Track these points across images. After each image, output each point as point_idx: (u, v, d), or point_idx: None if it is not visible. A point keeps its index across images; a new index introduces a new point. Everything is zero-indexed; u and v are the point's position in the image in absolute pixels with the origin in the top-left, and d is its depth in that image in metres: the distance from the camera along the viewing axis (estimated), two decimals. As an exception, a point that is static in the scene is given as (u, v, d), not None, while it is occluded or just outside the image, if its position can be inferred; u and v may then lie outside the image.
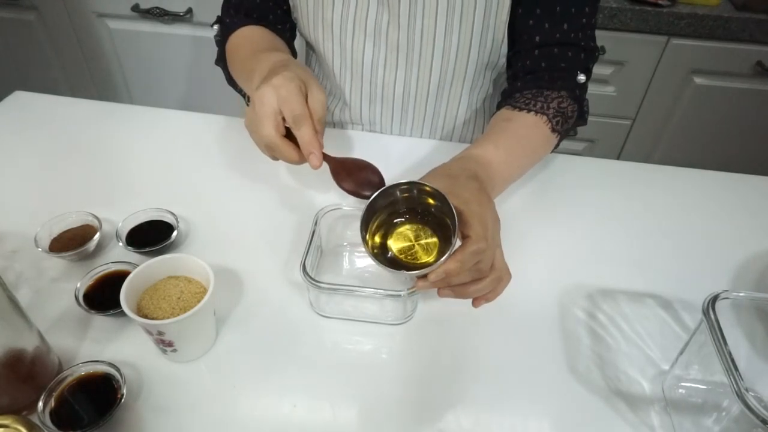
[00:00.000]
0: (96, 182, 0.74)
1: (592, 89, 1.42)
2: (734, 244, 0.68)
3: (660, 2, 1.25)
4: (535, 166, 0.78)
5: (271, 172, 0.76)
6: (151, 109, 0.90)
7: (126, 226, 0.64)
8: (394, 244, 0.53)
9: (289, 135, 0.57)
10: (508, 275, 0.54)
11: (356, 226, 0.63)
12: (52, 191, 0.72)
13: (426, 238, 0.53)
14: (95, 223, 0.64)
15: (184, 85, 1.62)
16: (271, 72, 0.59)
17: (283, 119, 0.56)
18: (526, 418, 0.50)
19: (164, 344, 0.51)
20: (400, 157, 0.80)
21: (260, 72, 0.62)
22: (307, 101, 0.57)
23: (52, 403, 0.47)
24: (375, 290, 0.54)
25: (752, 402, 0.39)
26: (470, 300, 0.60)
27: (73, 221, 0.64)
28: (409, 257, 0.53)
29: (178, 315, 0.49)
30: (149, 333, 0.50)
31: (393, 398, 0.51)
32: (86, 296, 0.57)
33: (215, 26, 0.84)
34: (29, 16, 1.58)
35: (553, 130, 0.68)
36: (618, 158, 1.56)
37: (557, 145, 0.73)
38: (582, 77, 0.71)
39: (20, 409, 0.48)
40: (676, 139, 1.49)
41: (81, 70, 1.68)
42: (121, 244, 0.62)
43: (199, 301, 0.50)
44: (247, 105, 0.82)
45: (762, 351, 0.53)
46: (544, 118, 0.68)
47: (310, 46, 0.88)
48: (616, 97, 1.43)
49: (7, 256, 0.63)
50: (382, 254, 0.52)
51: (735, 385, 0.40)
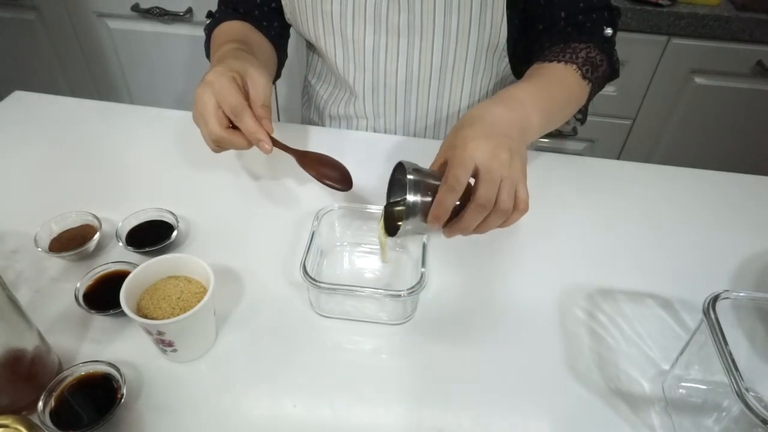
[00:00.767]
0: (96, 182, 0.74)
1: (592, 89, 1.42)
2: (734, 244, 0.68)
3: (660, 2, 1.25)
4: (540, 165, 0.78)
5: (271, 172, 0.76)
6: (151, 109, 0.90)
7: (126, 226, 0.64)
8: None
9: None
10: (523, 206, 0.53)
11: (356, 226, 0.64)
12: (52, 191, 0.72)
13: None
14: (95, 223, 0.64)
15: (184, 85, 1.62)
16: (209, 69, 0.62)
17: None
18: (526, 418, 0.50)
19: (164, 344, 0.51)
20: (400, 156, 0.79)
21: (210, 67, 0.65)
22: (249, 90, 0.61)
23: (52, 403, 0.47)
24: (375, 290, 0.54)
25: (752, 402, 0.39)
26: (470, 300, 0.60)
27: (73, 221, 0.64)
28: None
29: (178, 315, 0.49)
30: (149, 333, 0.50)
31: (393, 398, 0.51)
32: (86, 296, 0.57)
33: (208, 20, 0.86)
34: (29, 16, 1.58)
35: (584, 77, 0.68)
36: (618, 158, 1.56)
37: (591, 97, 0.72)
38: (609, 30, 0.72)
39: (20, 409, 0.48)
40: (676, 139, 1.49)
41: (81, 70, 1.68)
42: (121, 244, 0.62)
43: (199, 301, 0.50)
44: None
45: (762, 351, 0.53)
46: (573, 66, 0.68)
47: (310, 46, 0.88)
48: (616, 97, 1.43)
49: (7, 256, 0.63)
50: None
51: (735, 385, 0.40)
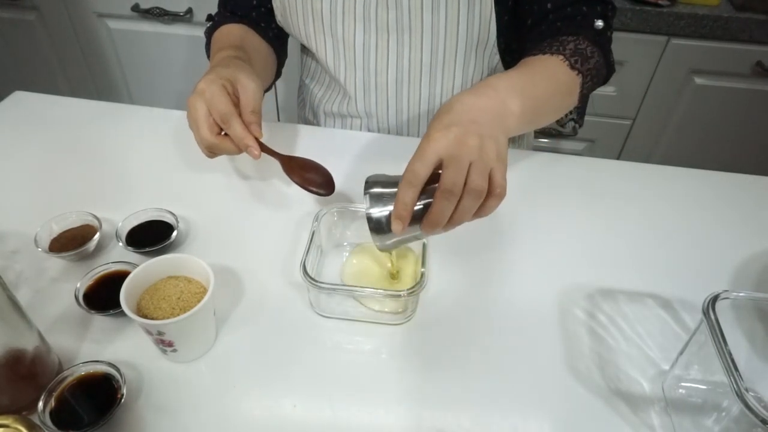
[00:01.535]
0: (96, 182, 0.74)
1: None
2: (734, 244, 0.68)
3: (660, 2, 1.25)
4: (540, 165, 0.78)
5: (271, 172, 0.76)
6: (151, 109, 0.90)
7: (126, 226, 0.64)
8: None
9: None
10: (498, 190, 0.50)
11: (356, 226, 0.64)
12: (52, 191, 0.72)
13: None
14: (95, 223, 0.64)
15: (184, 85, 1.62)
16: (201, 78, 0.64)
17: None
18: (526, 418, 0.50)
19: (164, 344, 0.51)
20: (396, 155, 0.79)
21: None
22: (240, 96, 0.63)
23: (52, 403, 0.47)
24: (375, 290, 0.54)
25: (752, 402, 0.39)
26: (470, 300, 0.60)
27: (73, 221, 0.64)
28: None
29: (178, 315, 0.49)
30: (149, 333, 0.50)
31: (393, 398, 0.51)
32: (86, 296, 0.57)
33: (208, 23, 0.87)
34: (29, 16, 1.58)
35: (572, 67, 0.66)
36: (618, 158, 1.56)
37: (586, 91, 0.69)
38: (599, 23, 0.70)
39: (20, 409, 0.48)
40: (676, 139, 1.49)
41: (81, 70, 1.68)
42: (121, 244, 0.62)
43: (199, 301, 0.50)
44: None
45: (762, 351, 0.52)
46: (560, 57, 0.66)
47: (304, 47, 0.88)
48: (616, 97, 1.43)
49: (7, 256, 0.63)
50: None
51: (735, 385, 0.40)
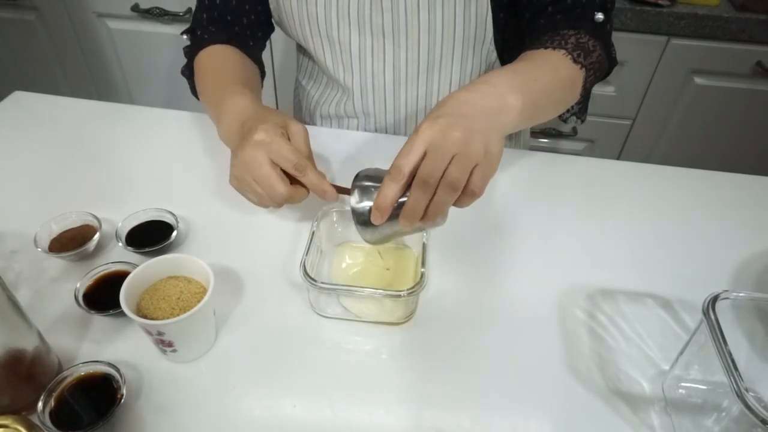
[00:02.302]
0: (96, 182, 0.74)
1: (593, 89, 1.41)
2: (734, 244, 0.68)
3: (660, 2, 1.25)
4: (540, 165, 0.78)
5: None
6: (151, 109, 0.90)
7: (126, 226, 0.64)
8: None
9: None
10: (473, 188, 0.49)
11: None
12: (52, 191, 0.72)
13: None
14: (95, 223, 0.64)
15: (184, 85, 1.62)
16: (248, 127, 0.60)
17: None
18: (526, 418, 0.50)
19: (164, 344, 0.51)
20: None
21: (228, 122, 0.65)
22: (291, 141, 0.60)
23: (52, 403, 0.47)
24: (375, 290, 0.54)
25: (752, 402, 0.39)
26: (470, 300, 0.60)
27: (72, 221, 0.64)
28: None
29: (178, 315, 0.49)
30: (149, 333, 0.50)
31: (393, 398, 0.51)
32: (86, 296, 0.57)
33: (185, 36, 0.84)
34: (29, 16, 1.58)
35: (575, 61, 0.65)
36: (618, 158, 1.56)
37: (588, 85, 0.69)
38: (600, 15, 0.69)
39: (20, 409, 0.48)
40: (676, 139, 1.49)
41: (81, 70, 1.68)
42: (120, 244, 0.62)
43: (199, 301, 0.50)
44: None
45: (762, 351, 0.52)
46: (563, 51, 0.64)
47: (300, 48, 0.88)
48: (616, 97, 1.43)
49: (7, 256, 0.63)
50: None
51: (735, 385, 0.40)
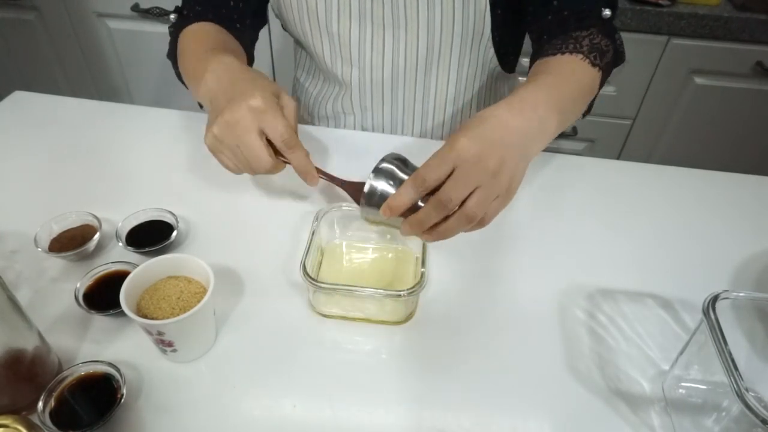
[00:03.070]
0: (96, 182, 0.74)
1: (592, 89, 1.42)
2: (734, 244, 0.68)
3: (660, 2, 1.25)
4: (539, 165, 0.78)
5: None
6: (151, 109, 0.90)
7: (126, 226, 0.64)
8: None
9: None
10: (485, 220, 0.49)
11: (356, 226, 0.64)
12: (52, 191, 0.72)
13: None
14: (95, 223, 0.64)
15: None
16: (240, 89, 0.58)
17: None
18: (526, 418, 0.50)
19: (164, 344, 0.51)
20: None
21: (213, 79, 0.62)
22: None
23: (52, 403, 0.47)
24: (375, 290, 0.54)
25: (752, 402, 0.39)
26: (470, 300, 0.60)
27: (73, 221, 0.64)
28: None
29: (178, 315, 0.49)
30: (149, 333, 0.50)
31: (393, 398, 0.51)
32: (86, 296, 0.57)
33: (172, 16, 0.81)
34: (29, 16, 1.58)
35: (593, 65, 0.65)
36: (618, 158, 1.56)
37: (602, 83, 0.69)
38: (607, 12, 0.69)
39: (20, 409, 0.48)
40: (676, 139, 1.49)
41: (81, 70, 1.68)
42: (121, 244, 0.62)
43: (199, 301, 0.50)
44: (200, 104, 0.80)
45: (762, 351, 0.52)
46: (580, 55, 0.64)
47: (298, 43, 0.88)
48: (616, 97, 1.43)
49: (7, 256, 0.63)
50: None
51: (735, 385, 0.40)
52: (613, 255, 0.66)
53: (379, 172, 0.53)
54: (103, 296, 0.56)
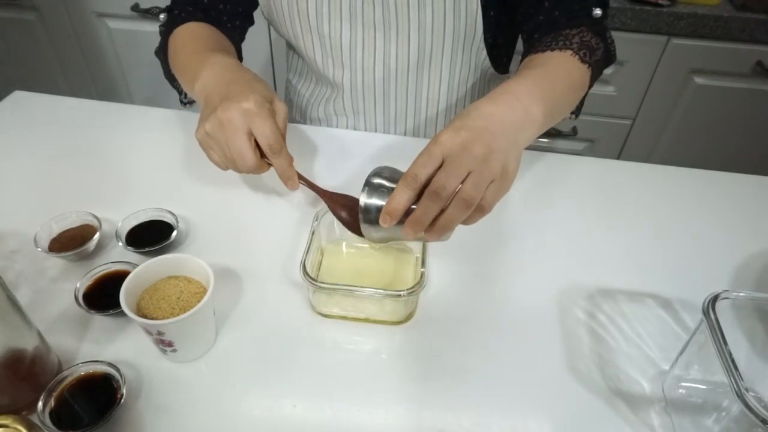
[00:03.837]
0: (96, 182, 0.74)
1: (593, 89, 1.41)
2: (734, 244, 0.68)
3: (660, 2, 1.25)
4: (539, 165, 0.78)
5: (271, 172, 0.76)
6: (151, 109, 0.90)
7: (126, 226, 0.64)
8: None
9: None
10: (485, 205, 0.49)
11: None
12: (52, 191, 0.72)
13: None
14: (95, 223, 0.64)
15: (184, 85, 1.62)
16: (236, 90, 0.59)
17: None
18: (526, 418, 0.50)
19: (164, 344, 0.51)
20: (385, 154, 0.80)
21: (210, 76, 0.63)
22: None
23: (52, 403, 0.47)
24: (375, 290, 0.54)
25: (752, 402, 0.39)
26: (470, 300, 0.60)
27: (72, 221, 0.64)
28: None
29: (178, 315, 0.49)
30: (149, 333, 0.50)
31: (393, 398, 0.51)
32: (86, 296, 0.57)
33: (162, 15, 0.81)
34: (29, 16, 1.58)
35: (583, 61, 0.65)
36: (618, 158, 1.56)
37: (592, 81, 0.69)
38: (598, 11, 0.69)
39: (20, 409, 0.48)
40: (676, 139, 1.49)
41: (81, 70, 1.68)
42: (120, 244, 0.62)
43: (199, 301, 0.50)
44: (182, 102, 0.82)
45: (762, 351, 0.53)
46: (569, 51, 0.65)
47: (290, 46, 0.88)
48: (616, 97, 1.43)
49: (7, 256, 0.63)
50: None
51: (735, 385, 0.40)
52: (613, 255, 0.66)
53: (369, 186, 0.52)
54: (103, 296, 0.56)
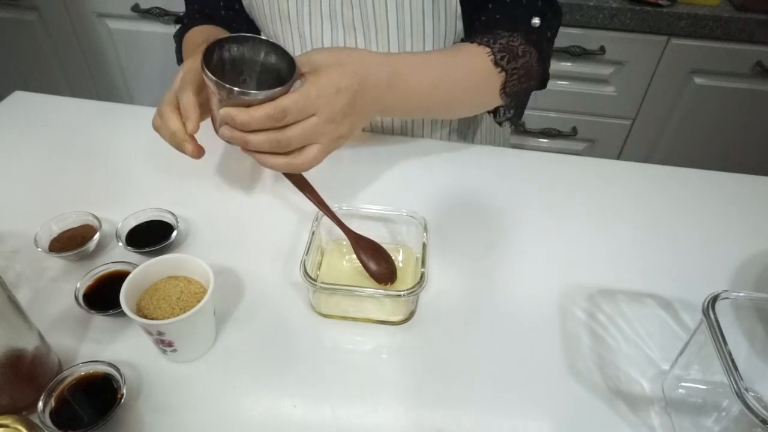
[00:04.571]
0: (96, 182, 0.74)
1: (593, 89, 1.42)
2: (734, 244, 0.68)
3: (660, 2, 1.25)
4: (539, 165, 0.78)
5: (271, 172, 0.76)
6: (151, 109, 0.89)
7: (126, 226, 0.64)
8: None
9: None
10: (303, 161, 0.56)
11: (355, 226, 0.64)
12: (52, 191, 0.72)
13: None
14: (95, 223, 0.64)
15: (184, 85, 1.62)
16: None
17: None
18: (526, 419, 0.50)
19: (164, 344, 0.51)
20: (393, 155, 0.80)
21: (185, 65, 0.65)
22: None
23: (52, 403, 0.47)
24: (375, 290, 0.54)
25: (752, 402, 0.39)
26: (470, 300, 0.60)
27: (73, 221, 0.64)
28: None
29: (178, 315, 0.49)
30: (149, 333, 0.50)
31: (393, 398, 0.51)
32: (86, 296, 0.57)
33: (176, 26, 0.87)
34: (29, 16, 1.58)
35: (497, 64, 0.66)
36: (618, 158, 1.56)
37: (510, 89, 0.70)
38: (536, 20, 0.70)
39: (20, 409, 0.48)
40: (676, 139, 1.49)
41: (81, 70, 1.68)
42: (121, 244, 0.62)
43: (199, 301, 0.50)
44: None
45: (762, 351, 0.53)
46: (487, 49, 0.66)
47: None
48: (616, 97, 1.43)
49: (7, 256, 0.63)
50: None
51: (735, 385, 0.40)
52: (613, 255, 0.66)
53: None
54: (103, 296, 0.56)
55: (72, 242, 0.62)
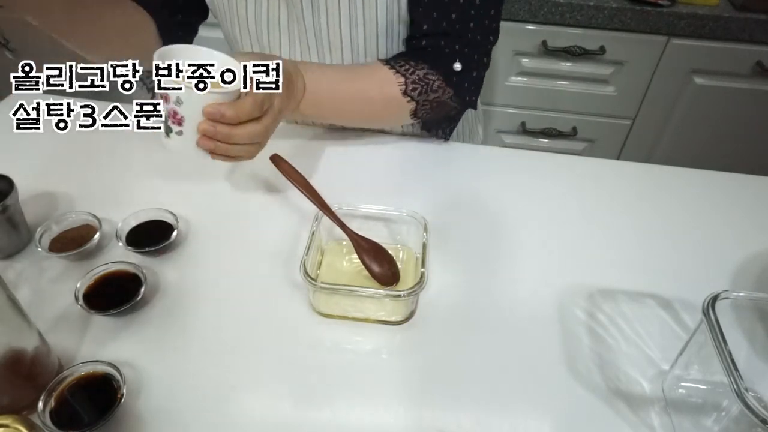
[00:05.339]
0: (96, 182, 0.74)
1: (593, 89, 1.42)
2: (734, 244, 0.68)
3: (660, 2, 1.25)
4: (540, 165, 0.78)
5: (271, 171, 0.76)
6: (151, 109, 0.90)
7: (126, 226, 0.64)
8: None
9: None
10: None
11: (356, 226, 0.64)
12: (52, 191, 0.72)
13: None
14: (95, 223, 0.64)
15: (184, 85, 1.62)
16: None
17: None
18: (526, 419, 0.50)
19: (174, 120, 0.49)
20: (392, 155, 0.80)
21: None
22: None
23: (52, 403, 0.47)
24: (375, 290, 0.54)
25: (752, 402, 0.39)
26: (470, 300, 0.60)
27: (73, 221, 0.64)
28: None
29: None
30: (166, 101, 0.49)
31: (393, 398, 0.51)
32: (86, 296, 0.56)
33: None
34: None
35: (406, 93, 0.69)
36: (618, 158, 1.56)
37: (423, 116, 0.73)
38: (458, 65, 0.70)
39: (20, 409, 0.48)
40: (676, 139, 1.49)
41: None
42: (121, 244, 0.62)
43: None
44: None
45: (762, 351, 0.53)
46: (402, 78, 0.68)
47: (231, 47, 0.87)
48: (616, 97, 1.43)
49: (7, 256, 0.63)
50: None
51: (735, 385, 0.40)
52: (613, 255, 0.66)
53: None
54: (103, 296, 0.56)
55: (72, 242, 0.62)
